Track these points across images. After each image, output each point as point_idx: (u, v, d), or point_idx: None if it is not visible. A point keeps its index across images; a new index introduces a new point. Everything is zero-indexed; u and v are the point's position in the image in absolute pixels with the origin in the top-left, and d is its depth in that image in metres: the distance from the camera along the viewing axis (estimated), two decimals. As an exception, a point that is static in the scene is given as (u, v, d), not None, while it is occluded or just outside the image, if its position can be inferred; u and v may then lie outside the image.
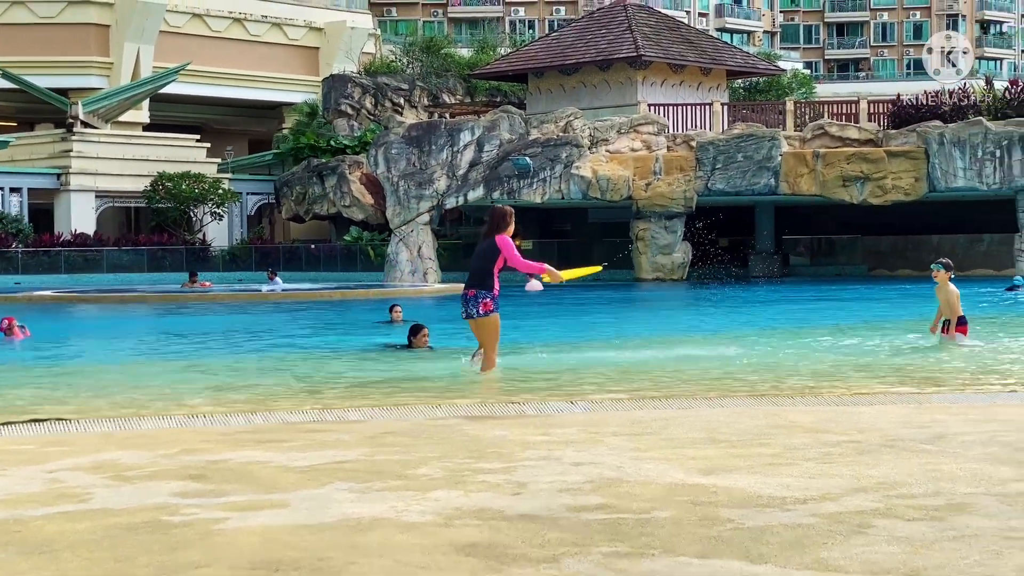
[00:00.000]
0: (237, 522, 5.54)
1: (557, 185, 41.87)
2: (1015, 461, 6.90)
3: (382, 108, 53.11)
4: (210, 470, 6.93)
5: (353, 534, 5.25)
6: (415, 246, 43.24)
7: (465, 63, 56.63)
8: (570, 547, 4.98)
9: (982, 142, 39.85)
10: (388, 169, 43.31)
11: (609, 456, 7.24)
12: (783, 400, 10.35)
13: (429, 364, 14.81)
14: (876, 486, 6.21)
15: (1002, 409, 9.46)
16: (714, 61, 48.95)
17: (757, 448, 7.50)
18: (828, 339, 17.65)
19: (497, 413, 9.69)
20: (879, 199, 40.71)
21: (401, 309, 21.78)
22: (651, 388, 12.00)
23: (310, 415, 9.74)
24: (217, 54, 59.14)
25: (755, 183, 41.08)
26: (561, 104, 46.36)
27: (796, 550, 4.88)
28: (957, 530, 5.20)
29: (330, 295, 33.86)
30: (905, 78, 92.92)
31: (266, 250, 51.62)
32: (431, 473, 6.75)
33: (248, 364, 15.80)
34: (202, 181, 50.91)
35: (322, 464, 7.08)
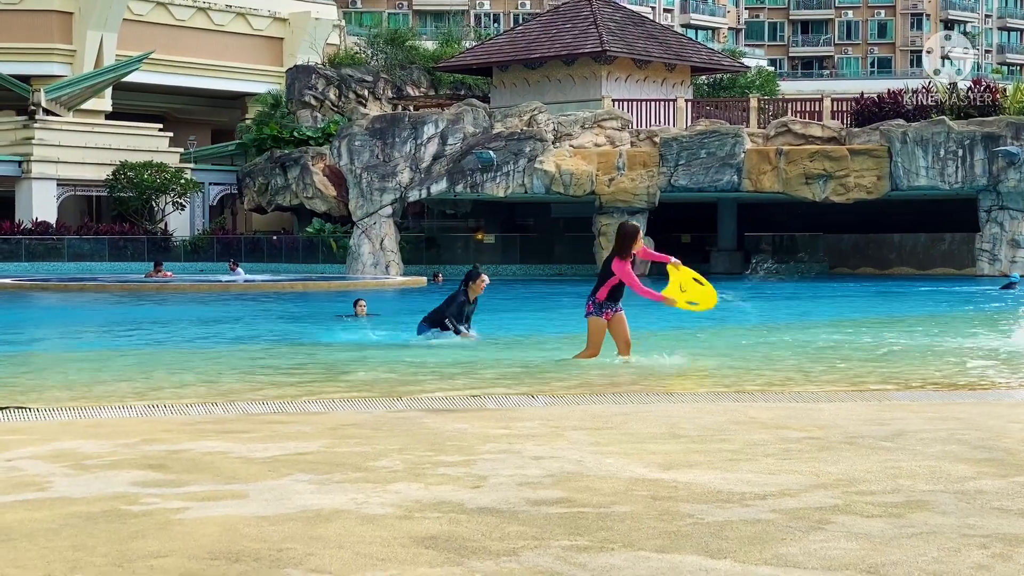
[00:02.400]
0: (197, 512, 5.51)
1: (520, 179, 41.88)
2: (973, 459, 6.95)
3: (346, 100, 52.97)
4: (170, 460, 6.89)
5: (313, 525, 5.24)
6: (378, 238, 43.15)
7: (430, 56, 56.54)
8: (529, 540, 4.98)
9: (944, 141, 40.16)
10: (351, 161, 43.19)
11: (569, 450, 7.25)
12: (744, 396, 10.38)
13: (389, 355, 14.79)
14: (835, 482, 6.24)
15: (961, 407, 9.53)
16: (679, 57, 49.06)
17: (717, 444, 7.52)
18: (792, 334, 17.73)
19: (458, 406, 9.68)
20: (841, 197, 40.95)
21: (366, 303, 21.73)
22: (611, 383, 12.02)
23: (271, 406, 9.70)
24: (180, 43, 58.77)
25: (718, 180, 41.23)
26: (525, 98, 46.35)
27: (755, 545, 4.90)
28: (915, 527, 5.24)
29: (292, 286, 33.75)
30: (869, 76, 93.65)
31: (228, 241, 51.41)
32: (391, 465, 6.74)
33: (209, 354, 15.72)
34: (164, 171, 50.62)
35: (283, 455, 7.06)
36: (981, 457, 7.01)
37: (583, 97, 46.44)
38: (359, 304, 21.45)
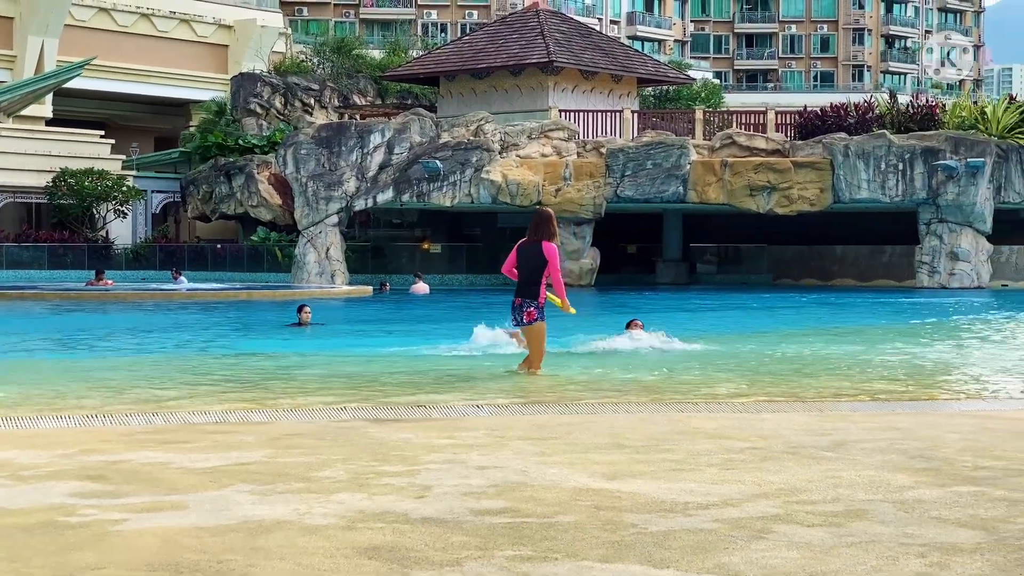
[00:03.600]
0: (135, 523, 5.45)
1: (467, 189, 41.88)
2: (912, 468, 7.02)
3: (292, 108, 52.74)
4: (109, 471, 6.82)
5: (254, 536, 5.20)
6: (323, 247, 42.98)
7: (376, 65, 56.43)
8: (473, 551, 4.97)
9: (885, 155, 40.58)
10: (297, 170, 43.00)
11: (514, 460, 7.25)
12: (688, 406, 10.43)
13: (333, 364, 14.74)
14: (777, 492, 6.28)
15: (900, 418, 9.62)
16: (625, 68, 49.29)
17: (661, 454, 7.55)
18: (733, 345, 17.83)
19: (402, 416, 9.65)
20: (785, 209, 41.27)
21: (310, 310, 21.63)
22: (557, 393, 12.04)
23: (213, 416, 9.63)
24: (123, 49, 58.31)
25: (664, 191, 41.42)
26: (472, 108, 46.38)
27: (698, 555, 4.92)
28: (855, 536, 5.28)
29: (236, 295, 33.53)
30: (812, 90, 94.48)
31: (171, 249, 51.01)
32: (335, 476, 6.71)
33: (150, 364, 15.58)
34: (106, 178, 50.16)
35: (224, 466, 7.00)
36: (919, 467, 7.08)
37: (530, 107, 46.53)
38: (303, 310, 21.35)
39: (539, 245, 12.91)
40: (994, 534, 5.32)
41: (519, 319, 13.04)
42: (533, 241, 12.97)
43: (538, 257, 12.90)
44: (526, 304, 12.97)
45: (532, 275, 12.95)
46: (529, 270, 12.97)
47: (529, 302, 12.95)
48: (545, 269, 12.89)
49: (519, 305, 12.98)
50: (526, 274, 12.99)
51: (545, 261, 12.85)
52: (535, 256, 12.93)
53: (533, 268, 12.93)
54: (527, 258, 12.99)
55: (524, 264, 13.01)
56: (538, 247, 12.91)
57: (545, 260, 12.85)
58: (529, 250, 13.00)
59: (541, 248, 12.89)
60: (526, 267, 13.00)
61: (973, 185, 40.37)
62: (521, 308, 12.98)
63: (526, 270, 13.00)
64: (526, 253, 13.02)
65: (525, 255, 13.02)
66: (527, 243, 13.03)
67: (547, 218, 13.01)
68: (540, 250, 12.89)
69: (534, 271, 12.93)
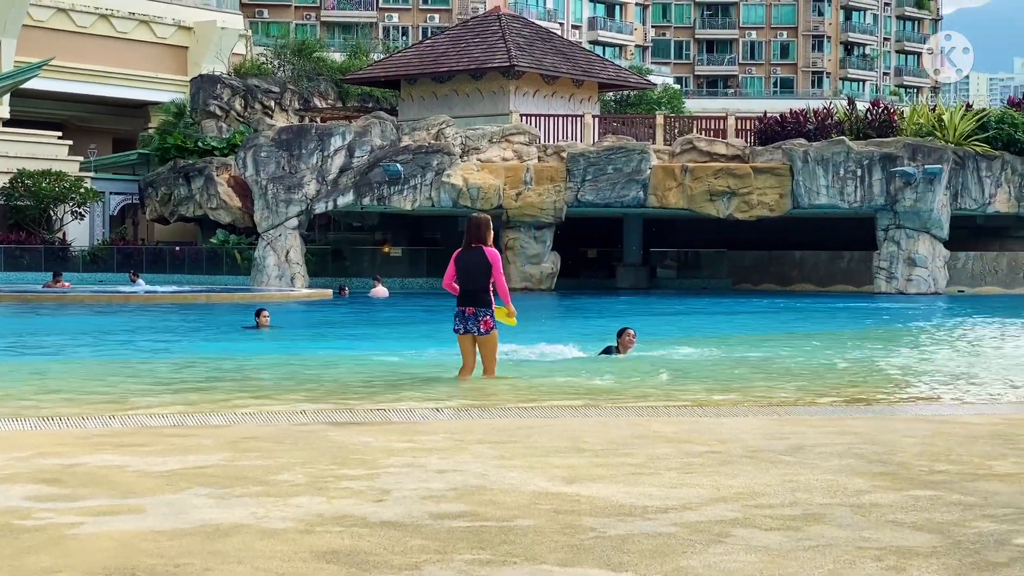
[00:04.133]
0: (92, 527, 5.41)
1: (428, 193, 41.83)
2: (869, 472, 7.07)
3: (252, 110, 52.52)
4: (65, 474, 6.77)
5: (212, 540, 5.17)
6: (283, 250, 42.80)
7: (337, 68, 56.28)
8: (432, 554, 4.96)
9: (844, 161, 40.84)
10: (257, 172, 42.81)
11: (473, 464, 7.24)
12: (647, 410, 10.45)
13: (293, 369, 14.68)
14: (736, 496, 6.31)
15: (858, 422, 9.68)
16: (586, 73, 49.39)
17: (620, 458, 7.56)
18: (692, 349, 17.89)
19: (362, 419, 9.62)
20: (745, 214, 41.45)
21: (269, 314, 21.54)
22: (517, 397, 12.04)
23: (170, 419, 9.57)
24: (82, 50, 57.86)
25: (624, 195, 41.52)
26: (433, 111, 46.34)
27: (656, 559, 4.93)
28: (812, 540, 5.31)
29: (194, 298, 33.34)
30: (772, 96, 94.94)
31: (129, 251, 50.66)
32: (293, 479, 6.68)
33: (107, 366, 15.47)
34: (63, 179, 49.77)
35: (181, 469, 6.96)
36: (876, 471, 7.12)
37: (491, 111, 46.54)
38: (262, 314, 21.27)
39: (481, 251, 12.70)
40: (949, 538, 5.36)
41: (475, 329, 12.77)
42: (474, 248, 12.76)
43: (482, 263, 12.69)
44: (481, 313, 12.75)
45: (479, 282, 12.73)
46: (475, 277, 12.74)
47: (483, 311, 12.76)
48: (491, 275, 12.70)
49: (473, 315, 12.73)
50: (473, 282, 12.75)
51: (490, 266, 12.65)
52: (479, 263, 12.71)
53: (479, 274, 12.72)
54: (470, 266, 12.75)
55: (468, 272, 12.75)
56: (481, 253, 12.70)
57: (490, 265, 12.65)
58: (470, 257, 12.77)
59: (484, 254, 12.69)
60: (471, 275, 12.75)
61: (930, 191, 40.69)
62: (476, 317, 12.74)
63: (471, 278, 12.75)
64: (468, 261, 12.78)
65: (467, 263, 12.77)
66: (467, 251, 12.79)
67: (486, 224, 12.87)
68: (483, 256, 12.69)
69: (480, 277, 12.71)
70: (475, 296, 12.74)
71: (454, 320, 12.88)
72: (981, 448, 8.12)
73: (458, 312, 12.81)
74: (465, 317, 12.78)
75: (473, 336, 12.85)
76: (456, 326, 12.86)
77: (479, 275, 12.71)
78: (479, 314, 12.75)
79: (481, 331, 12.80)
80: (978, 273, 43.57)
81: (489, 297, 12.81)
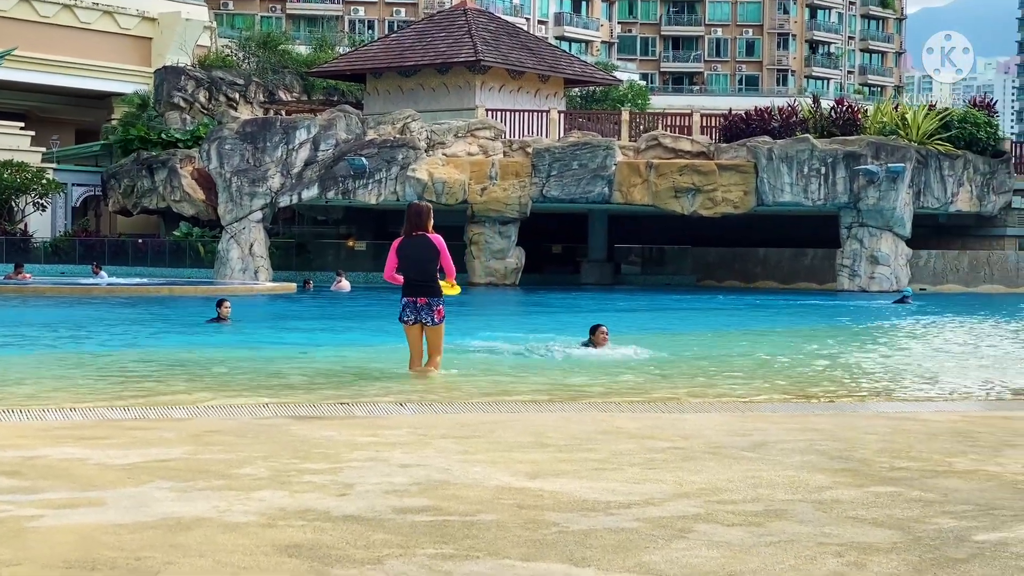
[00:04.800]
0: (52, 520, 5.38)
1: (393, 187, 41.75)
2: (830, 469, 7.11)
3: (216, 103, 52.25)
4: (25, 466, 6.72)
5: (173, 534, 5.14)
6: (247, 243, 42.63)
7: (303, 60, 56.08)
8: (395, 548, 4.96)
9: (808, 159, 41.04)
10: (221, 165, 42.61)
11: (437, 458, 7.24)
12: (610, 406, 10.48)
13: (256, 362, 14.63)
14: (698, 492, 6.33)
15: (820, 419, 9.74)
16: (552, 69, 49.41)
17: (584, 453, 7.57)
18: (656, 346, 17.94)
19: (325, 414, 9.60)
20: (709, 211, 41.58)
21: (230, 304, 21.46)
22: (481, 392, 12.04)
23: (132, 412, 9.52)
24: (45, 40, 57.38)
25: (589, 191, 41.57)
26: (399, 106, 46.26)
27: (619, 554, 4.94)
28: (774, 535, 5.33)
29: (157, 290, 33.17)
30: (737, 93, 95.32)
31: (91, 243, 50.33)
32: (256, 473, 6.66)
33: (68, 359, 15.37)
34: (25, 170, 49.38)
35: (143, 462, 6.92)
36: (838, 467, 7.17)
37: (457, 106, 46.50)
38: (223, 305, 21.19)
39: (427, 238, 12.53)
40: (910, 534, 5.40)
41: (429, 319, 12.61)
42: (417, 236, 12.57)
43: (430, 250, 12.53)
44: (434, 303, 12.61)
45: (428, 269, 12.56)
46: (424, 264, 12.55)
47: (436, 300, 12.62)
48: (439, 262, 12.55)
49: (427, 304, 12.57)
50: (421, 271, 12.56)
51: (438, 252, 12.49)
52: (426, 249, 12.53)
53: (428, 261, 12.54)
54: (417, 253, 12.55)
55: (415, 260, 12.55)
56: (426, 240, 12.53)
57: (438, 251, 12.49)
58: (416, 246, 12.57)
59: (430, 240, 12.53)
60: (419, 262, 12.55)
61: (893, 190, 40.95)
62: (430, 307, 12.59)
63: (419, 266, 12.55)
64: (414, 249, 12.57)
65: (414, 252, 12.57)
66: (410, 239, 12.59)
67: (427, 212, 12.70)
68: (430, 242, 12.53)
69: (429, 264, 12.54)
70: (426, 286, 12.57)
71: (403, 311, 12.65)
72: (941, 445, 8.18)
73: (408, 303, 12.60)
74: (417, 308, 12.59)
75: (422, 325, 12.68)
76: (406, 316, 12.62)
77: (428, 263, 12.55)
78: (432, 304, 12.61)
79: (435, 321, 12.66)
80: (940, 271, 43.90)
81: (438, 286, 12.65)
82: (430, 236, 12.55)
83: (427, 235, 12.55)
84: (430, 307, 12.60)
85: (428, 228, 12.61)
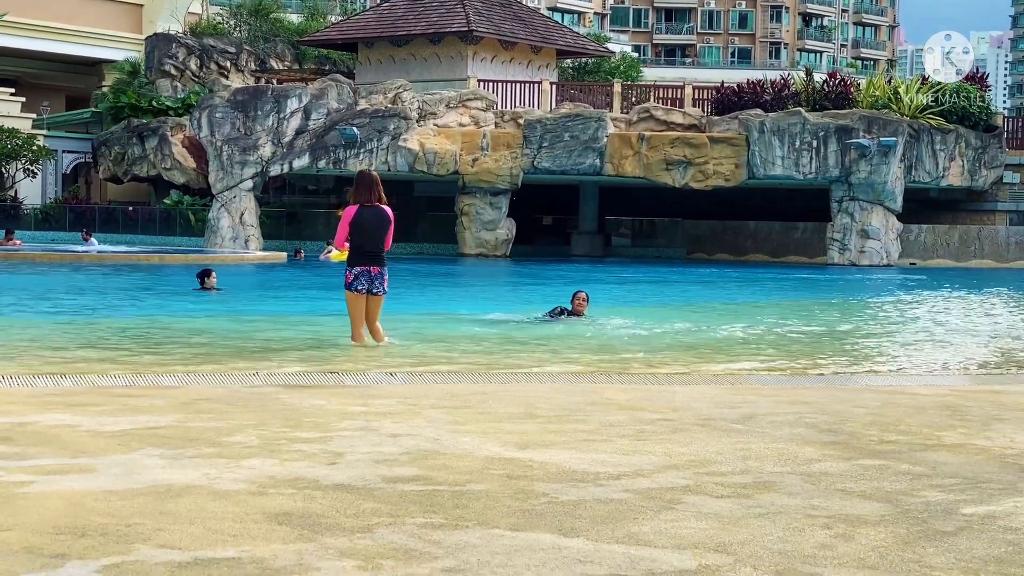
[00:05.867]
0: (42, 486, 5.38)
1: (384, 157, 41.68)
2: (819, 441, 7.13)
3: (207, 71, 52.05)
4: (15, 432, 6.72)
5: (163, 501, 5.15)
6: (237, 212, 42.55)
7: (294, 29, 55.85)
8: (384, 517, 4.97)
9: (800, 132, 41.01)
10: (212, 133, 42.48)
11: (427, 428, 7.25)
12: (600, 377, 10.49)
13: (239, 328, 14.63)
14: (687, 463, 6.35)
15: (809, 392, 9.76)
16: (544, 40, 49.26)
17: (573, 424, 7.59)
18: (646, 318, 17.96)
19: (315, 382, 9.60)
20: (700, 184, 41.57)
21: (215, 275, 21.45)
22: (471, 362, 12.05)
23: (122, 379, 9.51)
24: (35, 6, 57.04)
25: (580, 163, 41.53)
26: (391, 75, 46.11)
27: (608, 524, 4.96)
28: (763, 507, 5.35)
29: (147, 258, 33.11)
30: (729, 66, 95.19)
31: (81, 210, 50.21)
32: (246, 441, 6.66)
33: (58, 326, 15.35)
34: (15, 136, 49.21)
35: (133, 429, 6.93)
36: (827, 440, 7.19)
37: (449, 76, 46.37)
38: (210, 275, 21.18)
39: (381, 209, 12.56)
40: (898, 507, 5.43)
41: (380, 288, 12.63)
42: (374, 207, 12.55)
43: (384, 220, 12.56)
44: (385, 272, 12.69)
45: (380, 238, 12.57)
46: (377, 233, 12.55)
47: (385, 270, 12.69)
48: (389, 232, 12.60)
49: (379, 274, 12.59)
50: (376, 242, 12.56)
51: (390, 223, 12.56)
52: (381, 220, 12.55)
53: (381, 230, 12.56)
54: (373, 224, 12.53)
55: (369, 230, 12.52)
56: (381, 211, 12.55)
57: (390, 222, 12.56)
58: (373, 216, 12.55)
59: (384, 212, 12.57)
60: (374, 234, 12.54)
61: (885, 164, 40.96)
62: (381, 276, 12.63)
63: (374, 238, 12.54)
64: (368, 219, 12.54)
65: (368, 221, 12.52)
66: (366, 209, 12.55)
67: (378, 180, 12.70)
68: (384, 213, 12.57)
69: (383, 235, 12.57)
70: (378, 256, 12.61)
71: (356, 280, 12.56)
72: (930, 419, 8.21)
73: (363, 272, 12.54)
74: (372, 277, 12.58)
75: (368, 295, 12.64)
76: (360, 285, 12.55)
77: (382, 233, 12.57)
78: (384, 273, 12.67)
79: (384, 290, 12.69)
80: (930, 246, 43.98)
81: (384, 256, 12.71)
82: (384, 208, 12.60)
83: (381, 206, 12.58)
84: (382, 276, 12.64)
85: (382, 196, 12.65)
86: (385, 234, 12.56)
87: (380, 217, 12.53)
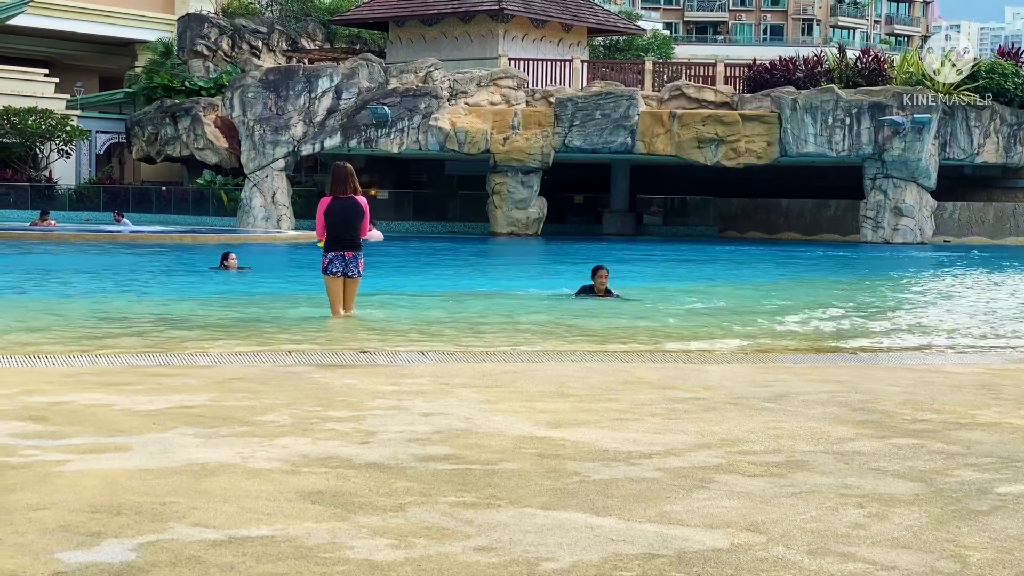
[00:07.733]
0: (78, 465, 5.43)
1: (415, 136, 41.67)
2: (852, 420, 7.11)
3: (239, 51, 52.13)
4: (51, 412, 6.77)
5: (198, 479, 5.19)
6: (269, 192, 42.67)
7: (326, 8, 55.84)
8: (417, 496, 4.99)
9: (833, 109, 40.75)
10: (244, 113, 42.58)
11: (458, 407, 7.26)
12: (632, 356, 10.48)
13: (274, 309, 14.69)
14: (719, 442, 6.34)
15: (842, 370, 9.73)
16: (575, 18, 49.09)
17: (605, 403, 7.59)
18: (677, 296, 17.93)
19: (347, 362, 9.64)
20: (732, 162, 41.39)
21: (236, 257, 21.66)
22: (501, 341, 12.06)
23: (157, 359, 9.57)
24: (68, -14, 57.27)
25: (612, 141, 41.41)
26: (421, 54, 46.06)
27: (640, 503, 4.96)
28: (795, 486, 5.34)
29: (180, 238, 33.26)
30: (761, 43, 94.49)
31: (115, 190, 50.44)
32: (279, 420, 6.70)
33: (93, 305, 15.44)
34: (49, 117, 49.43)
35: (168, 408, 6.97)
36: (860, 419, 7.16)
37: (479, 55, 46.27)
38: (229, 257, 21.42)
39: (354, 200, 13.33)
40: (932, 486, 5.40)
41: (355, 271, 13.41)
42: (347, 198, 13.32)
43: (358, 211, 13.31)
44: (360, 256, 13.45)
45: (355, 226, 13.33)
46: (350, 223, 13.30)
47: (360, 254, 13.46)
48: (363, 221, 13.36)
49: (353, 258, 13.36)
50: (350, 231, 13.33)
51: (363, 213, 13.33)
52: (354, 211, 13.30)
53: (355, 220, 13.30)
54: (347, 214, 13.30)
55: (344, 219, 13.30)
56: (354, 202, 13.33)
57: (363, 212, 13.33)
58: (346, 207, 13.31)
59: (357, 203, 13.34)
60: (348, 221, 13.31)
61: (918, 141, 40.65)
62: (356, 260, 13.39)
63: (349, 227, 13.32)
64: (343, 209, 13.32)
65: (342, 211, 13.31)
66: (339, 201, 13.33)
67: (353, 172, 13.51)
68: (357, 204, 13.33)
69: (358, 224, 13.33)
70: (353, 242, 13.40)
71: (331, 264, 13.36)
72: (964, 397, 8.17)
73: (337, 256, 13.35)
74: (346, 261, 13.37)
75: (345, 278, 13.40)
76: (335, 269, 13.37)
77: (356, 223, 13.35)
78: (358, 257, 13.46)
79: (360, 272, 13.50)
80: (965, 223, 43.64)
81: (360, 241, 13.47)
82: (357, 199, 13.38)
83: (354, 198, 13.37)
84: (356, 259, 13.42)
85: (356, 188, 13.44)
86: (359, 223, 13.39)
87: (352, 208, 13.34)
